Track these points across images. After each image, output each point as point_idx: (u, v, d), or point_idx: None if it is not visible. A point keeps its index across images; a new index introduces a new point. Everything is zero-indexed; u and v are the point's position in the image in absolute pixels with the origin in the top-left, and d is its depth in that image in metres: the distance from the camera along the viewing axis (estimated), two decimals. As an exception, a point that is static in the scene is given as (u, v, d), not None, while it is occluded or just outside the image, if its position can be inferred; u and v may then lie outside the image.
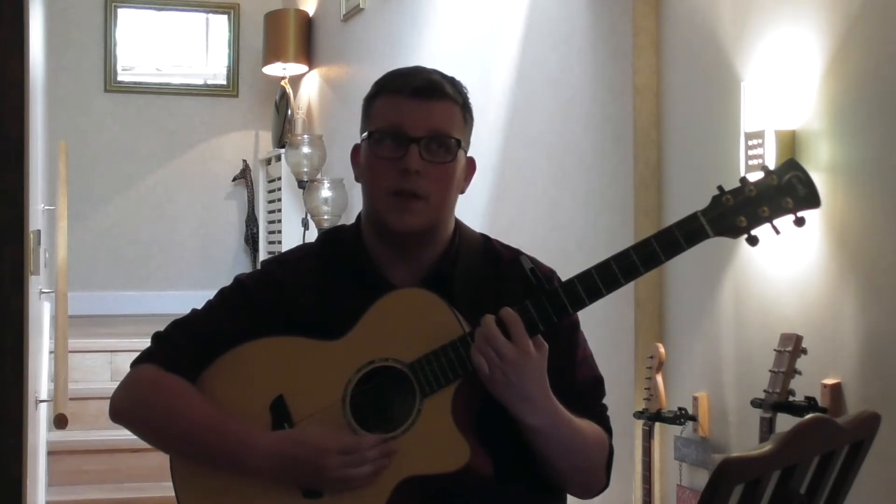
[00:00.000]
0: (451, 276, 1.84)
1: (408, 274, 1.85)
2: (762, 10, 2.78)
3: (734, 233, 1.71)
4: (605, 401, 1.93)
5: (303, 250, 1.99)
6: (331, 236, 1.96)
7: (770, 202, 1.70)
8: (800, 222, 1.71)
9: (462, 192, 1.88)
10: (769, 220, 1.71)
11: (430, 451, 1.72)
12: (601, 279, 1.71)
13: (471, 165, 1.90)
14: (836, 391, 2.49)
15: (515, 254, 1.90)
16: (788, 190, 1.70)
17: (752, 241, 1.72)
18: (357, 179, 1.89)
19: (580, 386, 1.86)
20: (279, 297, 1.86)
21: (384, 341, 1.77)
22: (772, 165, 2.63)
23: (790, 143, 2.63)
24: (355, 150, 1.90)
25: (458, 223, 1.90)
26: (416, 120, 1.80)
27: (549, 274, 1.88)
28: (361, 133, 1.88)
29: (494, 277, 1.87)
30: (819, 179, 2.55)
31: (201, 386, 1.83)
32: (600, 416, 1.89)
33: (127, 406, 1.87)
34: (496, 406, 1.74)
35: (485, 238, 1.94)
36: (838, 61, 2.53)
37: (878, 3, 2.43)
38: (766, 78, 2.74)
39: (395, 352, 1.76)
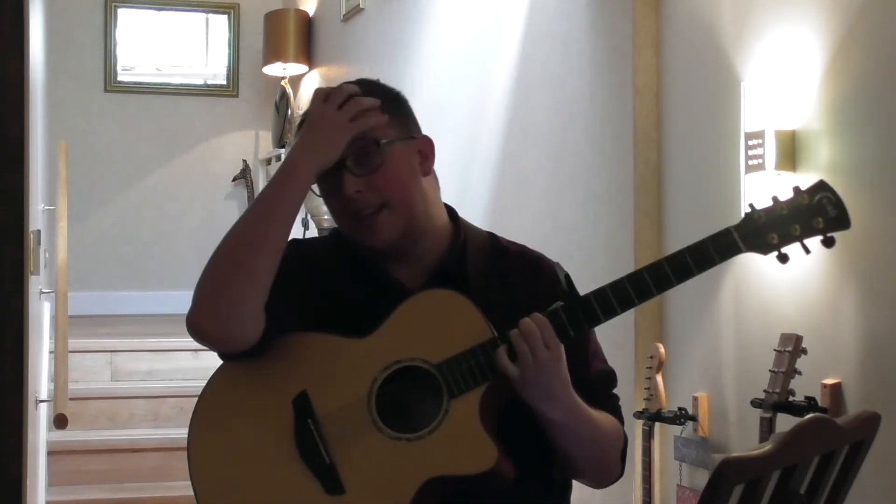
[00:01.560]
0: (463, 273, 1.84)
1: (413, 272, 1.85)
2: (762, 10, 2.78)
3: (766, 249, 1.73)
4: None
5: (318, 239, 2.03)
6: (340, 233, 1.96)
7: (801, 221, 1.72)
8: (828, 243, 1.73)
9: (426, 174, 1.84)
10: (800, 239, 1.72)
11: (458, 453, 1.72)
12: (633, 288, 1.73)
13: (422, 145, 1.84)
14: (836, 391, 2.49)
15: (521, 247, 1.92)
16: (819, 210, 1.72)
17: (783, 258, 1.73)
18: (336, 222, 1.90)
19: (594, 378, 1.88)
20: (304, 266, 1.85)
21: (412, 341, 1.77)
22: (772, 165, 2.64)
23: (790, 143, 2.63)
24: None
25: (462, 222, 1.90)
26: None
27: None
28: None
29: (503, 272, 1.88)
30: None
31: (231, 366, 1.81)
32: (613, 406, 1.91)
33: (197, 292, 1.77)
34: (513, 408, 1.75)
35: (491, 235, 1.95)
36: (838, 61, 2.53)
37: (878, 3, 2.43)
38: (766, 78, 2.74)
39: (422, 352, 1.76)
